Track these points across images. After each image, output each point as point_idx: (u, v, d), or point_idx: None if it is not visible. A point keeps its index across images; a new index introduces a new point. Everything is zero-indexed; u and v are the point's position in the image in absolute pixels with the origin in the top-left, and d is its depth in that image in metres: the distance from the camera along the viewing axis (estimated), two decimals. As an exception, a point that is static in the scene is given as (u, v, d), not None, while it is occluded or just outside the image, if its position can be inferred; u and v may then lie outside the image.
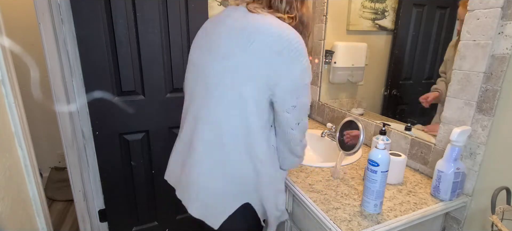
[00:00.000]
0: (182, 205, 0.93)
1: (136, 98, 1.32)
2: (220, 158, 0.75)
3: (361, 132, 0.96)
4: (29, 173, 0.83)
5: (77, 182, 1.42)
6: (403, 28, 1.33)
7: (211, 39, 0.75)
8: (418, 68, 1.26)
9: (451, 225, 0.95)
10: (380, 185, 0.77)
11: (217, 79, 0.71)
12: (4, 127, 0.74)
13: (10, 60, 0.82)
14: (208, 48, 0.75)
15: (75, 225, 1.84)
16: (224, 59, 0.70)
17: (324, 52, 1.58)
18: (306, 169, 1.06)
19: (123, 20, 1.20)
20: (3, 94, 0.75)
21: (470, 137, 0.86)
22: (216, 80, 0.72)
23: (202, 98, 0.75)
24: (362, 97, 1.60)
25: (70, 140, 1.34)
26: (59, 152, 2.28)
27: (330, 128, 1.37)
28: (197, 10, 1.31)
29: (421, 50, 1.24)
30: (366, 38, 1.53)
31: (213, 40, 0.74)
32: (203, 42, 0.78)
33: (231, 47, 0.69)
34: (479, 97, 0.83)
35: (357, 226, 0.74)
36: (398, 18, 1.36)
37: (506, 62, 0.76)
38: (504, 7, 0.75)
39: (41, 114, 2.18)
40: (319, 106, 1.65)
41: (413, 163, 1.07)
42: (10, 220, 0.69)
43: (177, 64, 1.34)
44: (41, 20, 1.18)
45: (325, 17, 1.53)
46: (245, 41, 0.67)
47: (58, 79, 1.26)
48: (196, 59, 0.79)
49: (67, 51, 1.24)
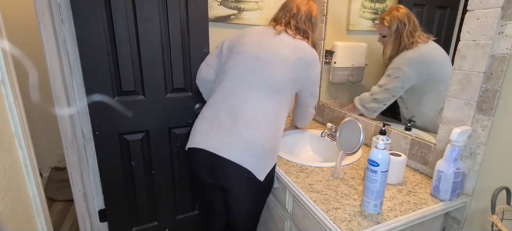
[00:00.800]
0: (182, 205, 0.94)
1: (136, 99, 1.32)
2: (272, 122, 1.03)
3: (361, 132, 0.96)
4: (29, 173, 0.83)
5: (77, 182, 1.42)
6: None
7: (268, 43, 1.08)
8: (418, 68, 1.25)
9: (451, 225, 0.95)
10: (380, 185, 0.77)
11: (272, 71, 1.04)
12: (4, 127, 0.74)
13: (10, 60, 0.82)
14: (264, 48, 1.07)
15: (75, 225, 1.84)
16: (282, 60, 1.05)
17: (324, 52, 1.58)
18: (306, 169, 1.06)
19: (123, 20, 1.20)
20: (3, 94, 0.75)
21: (470, 137, 0.86)
22: (271, 71, 1.04)
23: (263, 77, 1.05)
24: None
25: (70, 140, 1.34)
26: (59, 152, 2.29)
27: (330, 128, 1.37)
28: (197, 10, 1.31)
29: (421, 50, 1.24)
30: (366, 38, 1.53)
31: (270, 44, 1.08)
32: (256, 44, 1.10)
33: (286, 54, 1.06)
34: (479, 97, 0.83)
35: (357, 226, 0.74)
36: (398, 18, 1.35)
37: (506, 62, 0.76)
38: (504, 7, 0.75)
39: (41, 114, 2.18)
40: (319, 106, 1.65)
41: (413, 163, 1.07)
42: (10, 220, 0.69)
43: (177, 64, 1.34)
44: (41, 20, 1.18)
45: (325, 17, 1.53)
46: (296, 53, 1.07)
47: (58, 79, 1.26)
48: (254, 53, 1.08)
49: (67, 51, 1.24)
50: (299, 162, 1.11)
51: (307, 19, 1.14)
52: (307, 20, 1.14)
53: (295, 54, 1.06)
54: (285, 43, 1.08)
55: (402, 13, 1.15)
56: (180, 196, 1.56)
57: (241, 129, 0.99)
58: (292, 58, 1.06)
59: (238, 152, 0.98)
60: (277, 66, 1.04)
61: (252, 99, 1.02)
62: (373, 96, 1.27)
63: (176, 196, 1.55)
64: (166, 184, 1.50)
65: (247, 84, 1.04)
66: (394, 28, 1.15)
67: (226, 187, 1.05)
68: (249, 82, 1.04)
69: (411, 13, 1.14)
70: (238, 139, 0.99)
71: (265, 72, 1.04)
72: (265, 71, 1.04)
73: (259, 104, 1.02)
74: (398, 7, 1.18)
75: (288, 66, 1.05)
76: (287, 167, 1.08)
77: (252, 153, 0.98)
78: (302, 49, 1.08)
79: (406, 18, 1.13)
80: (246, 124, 0.99)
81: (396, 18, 1.15)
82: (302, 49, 1.08)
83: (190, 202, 1.61)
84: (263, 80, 1.04)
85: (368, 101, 1.29)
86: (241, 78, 1.06)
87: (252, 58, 1.07)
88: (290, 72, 1.06)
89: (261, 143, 0.99)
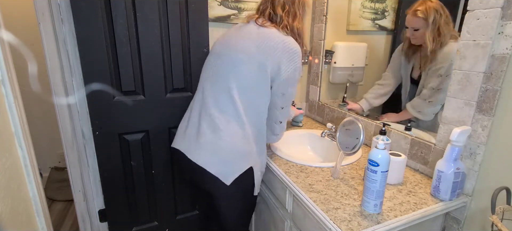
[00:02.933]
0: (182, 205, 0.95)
1: (136, 98, 1.32)
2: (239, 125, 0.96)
3: (361, 132, 0.96)
4: (29, 173, 0.83)
5: (77, 182, 1.42)
6: (403, 28, 1.33)
7: (230, 38, 1.02)
8: (418, 68, 1.25)
9: (451, 225, 0.95)
10: (380, 185, 0.77)
11: (233, 67, 0.97)
12: (4, 127, 0.74)
13: (10, 60, 0.81)
14: (227, 45, 1.01)
15: (75, 225, 1.84)
16: (243, 54, 0.96)
17: (324, 52, 1.58)
18: (306, 169, 1.06)
19: (123, 20, 1.20)
20: (3, 94, 0.75)
21: (470, 137, 0.86)
22: (233, 69, 0.96)
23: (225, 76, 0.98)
24: (362, 97, 1.60)
25: (70, 140, 1.34)
26: (59, 152, 2.28)
27: (330, 128, 1.37)
28: (197, 10, 1.31)
29: (421, 50, 1.24)
30: (366, 38, 1.53)
31: (232, 39, 1.01)
32: (223, 41, 1.05)
33: (248, 46, 0.96)
34: (479, 97, 0.83)
35: (357, 226, 0.74)
36: (398, 18, 1.36)
37: (506, 62, 0.76)
38: (504, 7, 0.75)
39: (41, 114, 2.18)
40: (319, 106, 1.65)
41: (413, 163, 1.07)
42: (10, 220, 0.69)
43: (177, 64, 1.34)
44: (41, 20, 1.18)
45: (325, 17, 1.53)
46: (259, 42, 0.95)
47: (58, 79, 1.26)
48: (218, 50, 1.04)
49: (67, 51, 1.24)
50: (299, 162, 1.11)
51: (287, 2, 1.00)
52: (288, 3, 0.99)
53: (254, 43, 0.95)
54: (248, 33, 0.98)
55: (436, 2, 1.04)
56: (180, 196, 1.56)
57: (206, 131, 0.97)
58: (252, 49, 0.94)
59: (203, 155, 0.96)
60: (239, 62, 0.96)
61: (215, 101, 0.98)
62: (428, 100, 1.16)
63: (176, 196, 1.55)
64: (166, 184, 1.50)
65: (211, 85, 1.01)
66: (432, 19, 1.04)
67: (206, 189, 1.04)
68: (213, 82, 1.01)
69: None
70: (203, 141, 0.96)
71: (227, 71, 0.98)
72: (225, 69, 0.98)
73: (223, 106, 0.97)
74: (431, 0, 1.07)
75: (248, 59, 0.95)
76: (287, 167, 1.08)
77: (216, 156, 0.95)
78: (267, 36, 0.95)
79: (441, 8, 1.04)
80: (212, 126, 0.96)
81: (432, 9, 1.05)
82: (267, 36, 0.95)
83: (190, 202, 1.60)
84: (225, 79, 0.97)
85: (424, 106, 1.18)
86: (207, 79, 1.04)
87: (216, 56, 1.03)
88: (252, 65, 0.94)
89: (225, 146, 0.95)
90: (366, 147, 1.29)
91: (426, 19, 1.05)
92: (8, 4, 2.01)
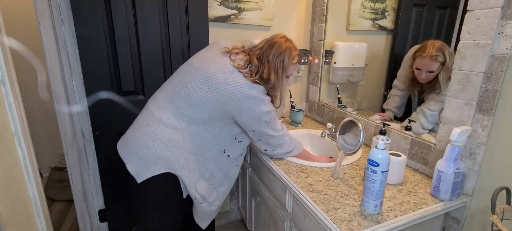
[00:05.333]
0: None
1: (136, 98, 1.32)
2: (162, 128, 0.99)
3: (361, 132, 0.96)
4: (29, 173, 0.83)
5: (77, 182, 1.42)
6: (403, 28, 1.33)
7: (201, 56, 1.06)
8: (418, 68, 1.25)
9: (451, 225, 0.95)
10: (380, 185, 0.77)
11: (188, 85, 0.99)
12: (4, 127, 0.74)
13: (10, 60, 0.82)
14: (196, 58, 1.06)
15: (75, 225, 1.84)
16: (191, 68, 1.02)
17: (324, 52, 1.58)
18: (306, 169, 1.06)
19: (123, 20, 1.20)
20: (3, 94, 0.75)
21: (470, 137, 0.86)
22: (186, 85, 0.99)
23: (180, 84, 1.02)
24: (362, 97, 1.60)
25: (70, 140, 1.34)
26: (59, 152, 2.28)
27: (330, 128, 1.37)
28: (197, 10, 1.31)
29: (421, 50, 1.23)
30: (366, 38, 1.53)
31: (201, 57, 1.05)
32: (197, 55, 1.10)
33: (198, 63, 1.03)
34: (479, 97, 0.83)
35: (357, 226, 0.74)
36: (398, 18, 1.36)
37: (506, 62, 0.76)
38: (504, 7, 0.75)
39: (41, 114, 2.18)
40: (319, 107, 1.65)
41: (413, 163, 1.07)
42: (10, 220, 0.69)
43: (177, 64, 1.34)
44: (41, 20, 1.18)
45: (325, 17, 1.53)
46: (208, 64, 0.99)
47: (58, 79, 1.26)
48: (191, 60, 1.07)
49: (67, 52, 1.24)
50: (299, 162, 1.11)
51: (268, 47, 1.00)
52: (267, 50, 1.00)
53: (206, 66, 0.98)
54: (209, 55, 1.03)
55: (443, 43, 1.08)
56: (180, 196, 1.56)
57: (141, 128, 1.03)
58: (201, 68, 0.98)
59: (128, 149, 1.03)
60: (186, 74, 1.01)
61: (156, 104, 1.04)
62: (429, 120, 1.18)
63: (176, 196, 1.55)
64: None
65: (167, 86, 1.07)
66: (449, 63, 1.06)
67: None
68: (170, 83, 1.07)
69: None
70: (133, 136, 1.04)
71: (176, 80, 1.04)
72: (176, 78, 1.04)
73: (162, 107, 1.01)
74: (438, 41, 1.10)
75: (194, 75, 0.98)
76: (287, 167, 1.08)
77: (134, 149, 1.00)
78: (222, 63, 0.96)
79: (448, 48, 1.08)
80: (146, 124, 1.02)
81: (447, 52, 1.06)
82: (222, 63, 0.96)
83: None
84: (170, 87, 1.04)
85: (425, 122, 1.18)
86: (171, 80, 1.09)
87: (187, 65, 1.07)
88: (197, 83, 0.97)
89: (144, 142, 0.98)
90: (366, 147, 1.29)
91: (444, 63, 1.08)
92: (8, 4, 2.01)
